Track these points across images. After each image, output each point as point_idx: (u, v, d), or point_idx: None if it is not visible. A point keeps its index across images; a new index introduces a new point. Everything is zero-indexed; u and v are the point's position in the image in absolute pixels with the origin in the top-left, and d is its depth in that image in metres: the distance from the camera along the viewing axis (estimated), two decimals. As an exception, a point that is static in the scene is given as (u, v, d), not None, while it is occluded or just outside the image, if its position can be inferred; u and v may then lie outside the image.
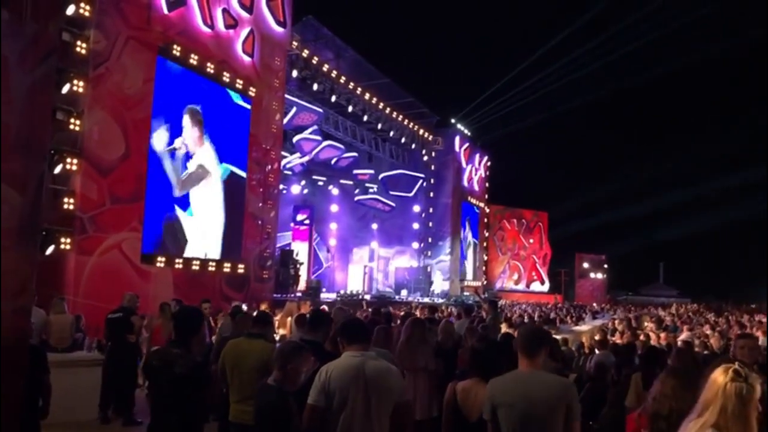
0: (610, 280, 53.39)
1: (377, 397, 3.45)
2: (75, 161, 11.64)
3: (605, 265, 52.17)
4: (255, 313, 5.34)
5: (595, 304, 36.88)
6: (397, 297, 28.11)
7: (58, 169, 11.36)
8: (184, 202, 15.24)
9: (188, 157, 15.26)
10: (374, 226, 32.77)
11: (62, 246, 11.37)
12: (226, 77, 16.08)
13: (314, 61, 21.64)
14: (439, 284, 33.74)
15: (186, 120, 15.22)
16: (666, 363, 4.77)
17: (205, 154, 15.84)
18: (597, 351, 9.23)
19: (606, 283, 52.42)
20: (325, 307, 12.26)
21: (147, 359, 3.90)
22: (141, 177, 13.45)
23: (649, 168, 63.93)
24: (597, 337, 10.80)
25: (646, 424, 3.39)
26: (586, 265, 51.68)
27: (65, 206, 11.55)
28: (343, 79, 23.53)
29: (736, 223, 51.41)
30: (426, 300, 27.07)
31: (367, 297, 25.16)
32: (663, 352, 6.01)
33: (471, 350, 4.24)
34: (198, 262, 15.26)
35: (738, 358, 3.79)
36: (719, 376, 2.50)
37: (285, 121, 20.14)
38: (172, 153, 14.69)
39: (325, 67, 22.42)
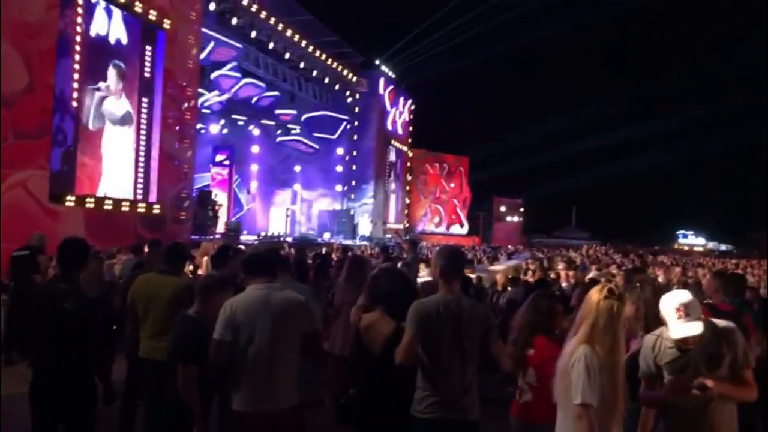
0: (525, 223, 55.35)
1: (284, 327, 3.44)
2: (-30, 92, 10.83)
3: (521, 209, 53.96)
4: (166, 247, 5.16)
5: (510, 246, 38.22)
6: (319, 239, 28.15)
7: (-49, 101, 10.55)
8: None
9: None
10: (297, 168, 32.40)
11: (-41, 183, 10.68)
12: (138, 7, 15.18)
13: (233, -6, 20.70)
14: (366, 227, 33.95)
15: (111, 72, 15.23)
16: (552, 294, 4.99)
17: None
18: (509, 288, 9.70)
19: (522, 226, 54.32)
20: (242, 246, 12.09)
21: (33, 295, 3.71)
22: (47, 111, 12.64)
23: (564, 117, 65.90)
24: (510, 275, 11.28)
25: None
26: (503, 208, 53.30)
27: (-39, 141, 10.79)
28: (264, 14, 22.61)
29: (643, 171, 54.10)
30: (348, 242, 27.26)
31: (289, 239, 25.09)
32: (547, 283, 6.39)
33: (372, 279, 4.24)
34: (111, 202, 14.68)
35: None
36: (594, 294, 2.72)
37: (202, 56, 19.33)
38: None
39: (245, 1, 21.50)
